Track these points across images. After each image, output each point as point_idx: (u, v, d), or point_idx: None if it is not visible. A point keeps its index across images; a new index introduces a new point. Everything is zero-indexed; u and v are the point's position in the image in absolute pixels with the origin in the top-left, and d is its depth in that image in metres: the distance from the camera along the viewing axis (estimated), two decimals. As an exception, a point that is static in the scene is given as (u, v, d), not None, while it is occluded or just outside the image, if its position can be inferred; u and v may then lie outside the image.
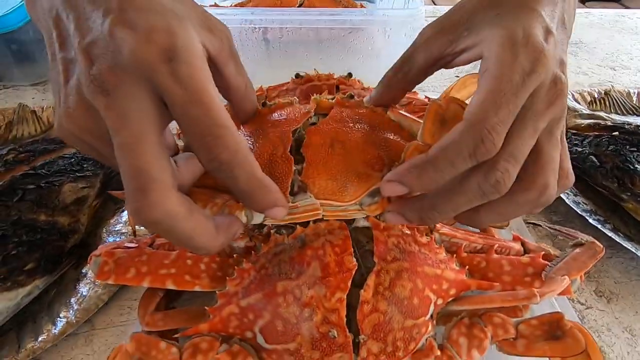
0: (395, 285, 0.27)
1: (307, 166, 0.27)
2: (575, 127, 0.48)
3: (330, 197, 0.27)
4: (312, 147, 0.28)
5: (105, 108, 0.19)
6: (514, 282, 0.30)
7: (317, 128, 0.29)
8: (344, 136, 0.29)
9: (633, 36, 0.73)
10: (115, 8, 0.20)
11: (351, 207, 0.27)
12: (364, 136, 0.29)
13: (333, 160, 0.27)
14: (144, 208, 0.19)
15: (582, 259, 0.30)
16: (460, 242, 0.32)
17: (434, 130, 0.27)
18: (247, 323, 0.26)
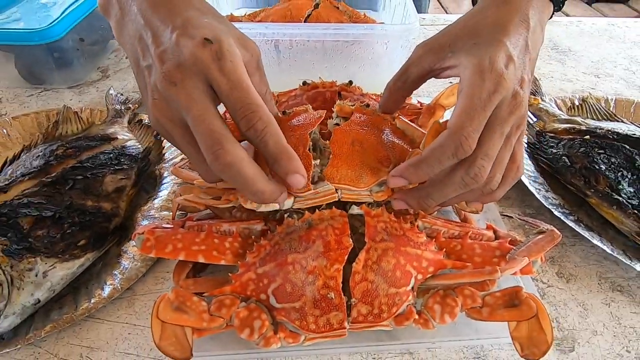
0: (381, 260, 0.33)
1: (333, 157, 0.35)
2: (553, 131, 0.53)
3: (349, 183, 0.34)
4: (338, 143, 0.36)
5: (175, 95, 0.27)
6: (483, 263, 0.36)
7: (341, 128, 0.37)
8: (361, 137, 0.37)
9: (620, 45, 0.78)
10: (179, 26, 0.28)
11: (364, 192, 0.35)
12: (376, 138, 0.37)
13: (353, 155, 0.35)
14: (220, 155, 0.27)
15: (542, 244, 0.35)
16: (439, 229, 0.38)
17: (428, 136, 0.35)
18: (262, 287, 0.33)
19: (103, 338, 0.35)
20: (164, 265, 0.40)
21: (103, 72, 0.69)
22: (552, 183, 0.48)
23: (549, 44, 0.77)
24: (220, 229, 0.38)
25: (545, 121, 0.56)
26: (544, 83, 0.67)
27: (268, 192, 0.30)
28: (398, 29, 0.53)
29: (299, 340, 0.32)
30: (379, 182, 0.35)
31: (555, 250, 0.42)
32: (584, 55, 0.74)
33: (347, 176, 0.34)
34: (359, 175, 0.35)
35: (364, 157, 0.35)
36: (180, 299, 0.31)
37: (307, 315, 0.31)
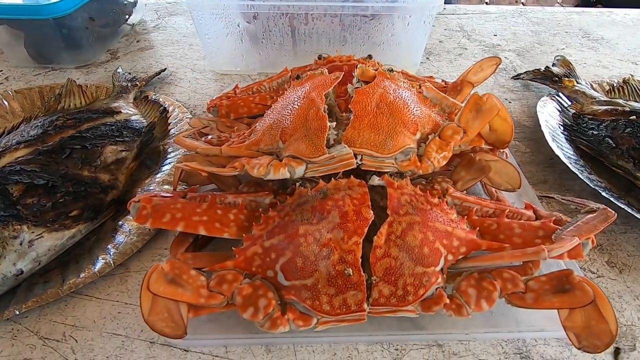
0: (406, 234, 0.29)
1: (354, 119, 0.31)
2: (592, 113, 0.49)
3: (372, 148, 0.30)
4: (360, 104, 0.32)
5: None
6: (524, 244, 0.31)
7: (364, 89, 0.33)
8: (386, 99, 0.32)
9: (657, 34, 0.73)
10: None
11: (388, 160, 0.31)
12: (403, 103, 0.33)
13: (377, 117, 0.31)
14: None
15: (594, 223, 0.30)
16: (472, 205, 0.33)
17: (469, 117, 0.32)
18: (269, 262, 0.29)
19: (90, 316, 0.31)
20: (163, 240, 0.37)
21: (112, 54, 0.67)
22: (594, 167, 0.43)
23: (579, 32, 0.73)
24: (225, 201, 0.34)
25: (582, 103, 0.51)
26: (577, 70, 0.62)
27: None
28: (420, 2, 0.50)
29: (310, 324, 0.27)
30: (405, 149, 0.31)
31: (603, 238, 0.37)
32: (618, 44, 0.69)
33: (369, 140, 0.30)
34: (383, 140, 0.31)
35: (390, 120, 0.31)
36: (176, 271, 0.27)
37: (321, 294, 0.27)
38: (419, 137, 0.32)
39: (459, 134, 0.32)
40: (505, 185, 0.37)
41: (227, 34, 0.55)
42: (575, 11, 0.81)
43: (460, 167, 0.37)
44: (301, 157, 0.31)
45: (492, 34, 0.72)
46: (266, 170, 0.30)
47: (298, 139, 0.31)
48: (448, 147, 0.32)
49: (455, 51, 0.67)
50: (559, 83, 0.54)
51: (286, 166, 0.30)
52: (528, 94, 0.57)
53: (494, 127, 0.35)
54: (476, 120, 0.32)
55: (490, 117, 0.33)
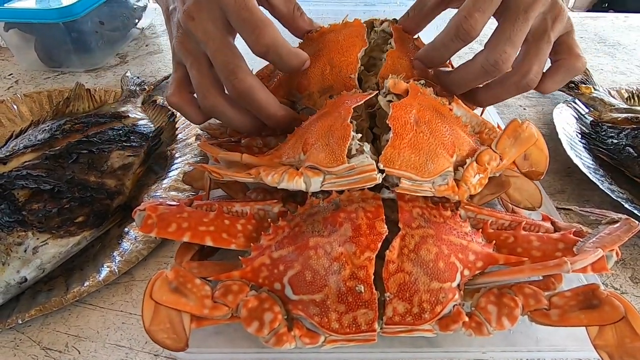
0: (420, 248, 0.27)
1: (394, 137, 0.29)
2: (611, 121, 0.47)
3: (412, 170, 0.28)
4: (399, 120, 0.30)
5: (194, 29, 0.30)
6: (544, 258, 0.30)
7: (402, 103, 0.31)
8: (424, 117, 0.31)
9: (676, 39, 0.71)
10: None
11: (426, 184, 0.29)
12: (440, 121, 0.31)
13: (418, 136, 0.29)
14: (237, 81, 0.31)
15: (617, 233, 0.29)
16: (486, 218, 0.32)
17: (507, 143, 0.31)
18: (276, 274, 0.28)
19: (93, 327, 0.30)
20: (169, 248, 0.36)
21: (121, 58, 0.67)
22: (614, 177, 0.42)
23: (594, 37, 0.71)
24: (232, 210, 0.33)
25: (600, 111, 0.49)
26: (594, 76, 0.61)
27: (281, 115, 0.33)
28: None
29: (317, 341, 0.26)
30: (444, 173, 0.29)
31: (626, 252, 0.35)
32: (635, 49, 0.67)
33: (410, 161, 0.28)
34: (424, 162, 0.28)
35: (431, 140, 0.29)
36: (180, 280, 0.26)
37: (330, 310, 0.26)
38: (455, 159, 0.30)
39: (496, 160, 0.30)
40: (525, 203, 0.35)
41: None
42: (590, 16, 0.79)
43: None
44: (319, 167, 0.29)
45: (505, 39, 0.70)
46: (280, 177, 0.29)
47: (318, 148, 0.30)
48: (485, 172, 0.30)
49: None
50: (575, 90, 0.53)
51: (302, 175, 0.29)
52: (543, 101, 0.55)
53: (529, 157, 0.33)
54: (513, 148, 0.31)
55: (528, 146, 0.31)
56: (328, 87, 0.38)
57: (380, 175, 0.28)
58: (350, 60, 0.38)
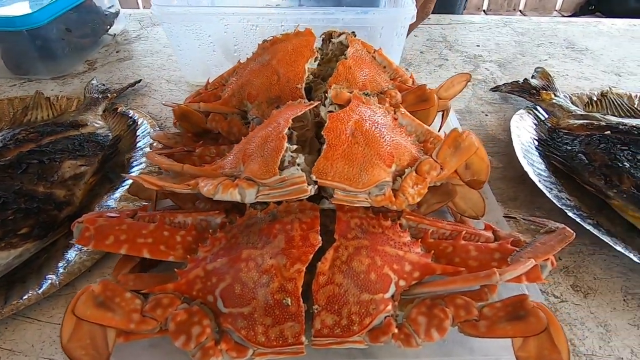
0: (352, 259, 0.28)
1: (327, 148, 0.29)
2: (568, 127, 0.47)
3: (346, 181, 0.28)
4: (334, 131, 0.30)
5: None
6: (480, 267, 0.30)
7: (339, 114, 0.31)
8: (362, 127, 0.31)
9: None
10: None
11: (361, 194, 0.29)
12: (379, 131, 0.31)
13: (353, 147, 0.29)
14: None
15: (551, 243, 0.29)
16: (427, 227, 0.32)
17: (447, 153, 0.31)
18: (209, 286, 0.28)
19: (29, 340, 0.30)
20: (113, 261, 0.36)
21: (90, 64, 0.66)
22: (566, 184, 0.42)
23: (563, 43, 0.72)
24: (175, 220, 0.33)
25: (558, 117, 0.50)
26: (559, 81, 0.61)
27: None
28: (392, 12, 0.49)
29: (245, 355, 0.26)
30: (380, 183, 0.29)
31: (570, 260, 0.36)
32: (603, 55, 0.68)
33: (343, 172, 0.28)
34: (358, 172, 0.28)
35: (367, 151, 0.29)
36: (108, 293, 0.26)
37: (257, 324, 0.26)
38: (394, 169, 0.30)
39: (436, 170, 0.31)
40: (470, 212, 0.36)
41: (199, 45, 0.55)
42: (561, 21, 0.80)
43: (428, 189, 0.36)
44: (253, 179, 0.29)
45: (475, 44, 0.71)
46: (215, 189, 0.29)
47: (254, 159, 0.30)
48: (424, 183, 0.30)
49: (436, 62, 0.66)
50: (536, 96, 0.53)
51: (237, 187, 0.29)
52: (506, 107, 0.56)
53: (470, 166, 0.33)
54: (454, 157, 0.31)
55: (468, 155, 0.31)
56: (275, 97, 0.38)
57: (313, 187, 0.28)
58: (298, 70, 0.38)
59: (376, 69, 0.42)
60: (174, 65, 0.66)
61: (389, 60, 0.44)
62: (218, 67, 0.56)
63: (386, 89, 0.41)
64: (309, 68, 0.39)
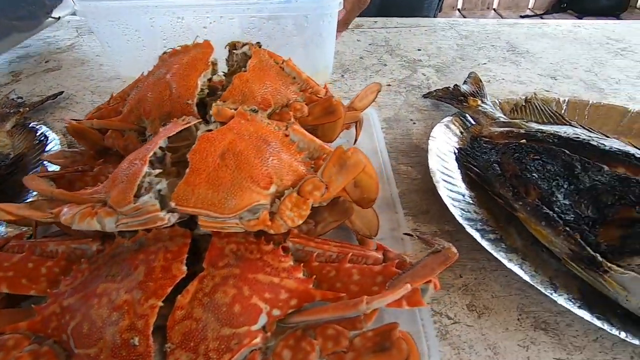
0: (216, 291, 0.26)
1: (189, 173, 0.27)
2: (489, 135, 0.46)
3: (209, 207, 0.27)
4: (200, 154, 0.28)
5: None
6: (361, 292, 0.28)
7: (210, 136, 0.30)
8: (237, 148, 0.29)
9: (584, 46, 0.71)
10: None
11: (230, 220, 0.27)
12: (258, 152, 0.30)
13: (219, 171, 0.28)
14: None
15: (431, 266, 0.28)
16: (313, 250, 0.31)
17: (333, 171, 0.30)
18: (63, 324, 0.26)
19: None
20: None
21: (15, 76, 0.64)
22: (479, 196, 0.41)
23: (505, 46, 0.71)
24: (47, 250, 0.31)
25: (482, 124, 0.49)
26: (493, 86, 0.61)
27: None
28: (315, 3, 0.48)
29: (92, 399, 0.24)
30: (253, 206, 0.27)
31: (471, 277, 0.35)
32: (542, 57, 0.68)
33: (206, 199, 0.27)
34: (223, 198, 0.27)
35: (236, 174, 0.28)
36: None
37: (102, 366, 0.24)
38: (273, 191, 0.29)
39: (320, 190, 0.29)
40: (364, 230, 0.34)
41: (127, 41, 0.52)
42: (507, 23, 0.79)
43: (325, 207, 0.35)
44: (113, 207, 0.28)
45: (417, 48, 0.70)
46: (72, 218, 0.28)
47: (116, 186, 0.28)
48: (305, 204, 0.29)
49: (374, 67, 0.65)
50: (464, 102, 0.52)
51: (95, 216, 0.27)
52: (436, 114, 0.55)
53: (359, 184, 0.32)
54: (340, 176, 0.30)
55: (356, 173, 0.30)
56: (166, 113, 0.36)
57: (172, 215, 0.27)
58: (189, 85, 0.36)
59: (283, 81, 0.40)
60: (102, 76, 0.63)
61: (299, 70, 0.42)
62: (148, 62, 0.54)
63: (291, 101, 0.39)
64: (204, 82, 0.37)
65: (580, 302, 0.31)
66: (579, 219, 0.35)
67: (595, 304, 0.31)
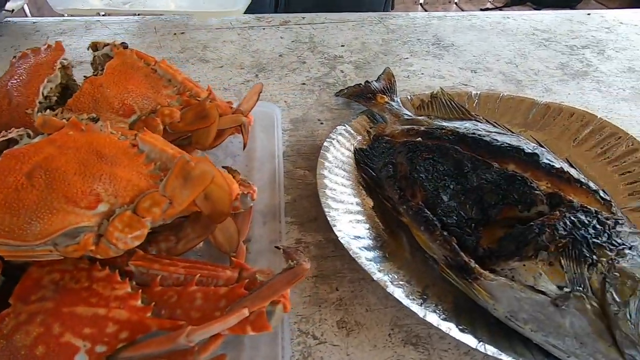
0: (17, 331, 0.23)
1: None
2: (391, 134, 0.44)
3: (6, 235, 0.23)
4: (2, 172, 0.24)
5: None
6: (203, 319, 0.26)
7: (16, 152, 0.26)
8: (52, 164, 0.25)
9: (510, 37, 0.70)
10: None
11: (40, 247, 0.24)
12: (83, 167, 0.26)
13: (22, 192, 0.24)
14: None
15: (276, 286, 0.25)
16: (157, 273, 0.28)
17: (176, 185, 0.26)
18: None
19: None
20: None
21: None
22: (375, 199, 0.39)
23: (431, 39, 0.69)
24: None
25: (387, 122, 0.47)
26: (412, 81, 0.59)
27: None
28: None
29: None
30: (70, 230, 0.24)
31: (347, 290, 0.32)
32: (466, 50, 0.66)
33: (4, 224, 0.23)
34: (25, 222, 0.23)
35: (45, 195, 0.24)
36: None
37: None
38: (104, 210, 0.26)
39: (160, 206, 0.26)
40: (225, 246, 0.31)
41: None
42: (437, 16, 0.78)
43: (188, 222, 0.32)
44: None
45: (341, 44, 0.68)
46: None
47: None
48: (141, 223, 0.26)
49: (292, 65, 0.62)
50: (372, 100, 0.50)
51: None
52: (347, 113, 0.52)
53: (210, 196, 0.29)
54: (185, 189, 0.27)
55: (203, 185, 0.27)
56: (4, 124, 0.32)
57: None
58: (30, 92, 0.32)
59: (152, 84, 0.37)
60: None
61: (174, 72, 0.39)
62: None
63: (159, 107, 0.36)
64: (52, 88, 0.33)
65: (449, 313, 0.29)
66: (461, 222, 0.33)
67: (465, 315, 0.29)
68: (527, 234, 0.30)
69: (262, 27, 0.72)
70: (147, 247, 0.31)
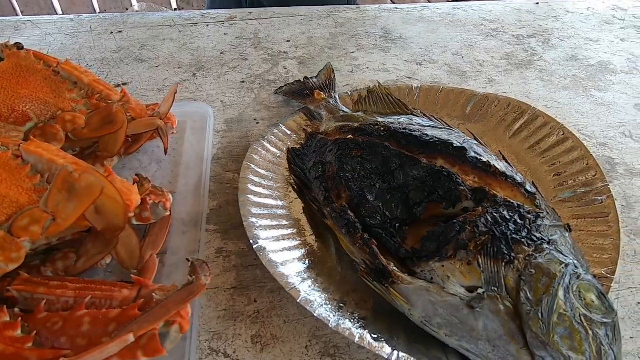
0: None
1: None
2: (325, 132, 0.43)
3: None
4: None
5: None
6: (90, 346, 0.23)
7: None
8: None
9: (458, 28, 0.70)
10: None
11: None
12: None
13: None
14: None
15: (169, 306, 0.23)
16: (42, 297, 0.25)
17: (60, 199, 0.25)
18: None
19: None
20: None
21: None
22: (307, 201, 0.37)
23: (380, 32, 0.68)
24: None
25: (323, 119, 0.45)
26: (355, 76, 0.57)
27: None
28: None
29: None
30: None
31: (267, 300, 0.30)
32: (413, 42, 0.65)
33: None
34: None
35: None
36: None
37: None
38: None
39: (41, 223, 0.24)
40: (127, 263, 0.29)
41: None
42: (388, 9, 0.76)
43: (89, 238, 0.29)
44: None
45: (286, 39, 0.65)
46: None
47: None
48: (15, 245, 0.24)
49: (233, 63, 0.59)
50: (309, 97, 0.48)
51: None
52: (285, 111, 0.50)
53: (101, 209, 0.26)
54: (70, 203, 0.25)
55: (91, 198, 0.25)
56: None
57: None
58: None
59: (53, 88, 0.34)
60: None
61: (80, 73, 0.36)
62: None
63: (59, 112, 0.33)
64: None
65: (366, 320, 0.27)
66: (385, 222, 0.32)
67: (383, 321, 0.27)
68: (448, 232, 0.29)
69: (206, 24, 0.69)
70: (41, 267, 0.28)
